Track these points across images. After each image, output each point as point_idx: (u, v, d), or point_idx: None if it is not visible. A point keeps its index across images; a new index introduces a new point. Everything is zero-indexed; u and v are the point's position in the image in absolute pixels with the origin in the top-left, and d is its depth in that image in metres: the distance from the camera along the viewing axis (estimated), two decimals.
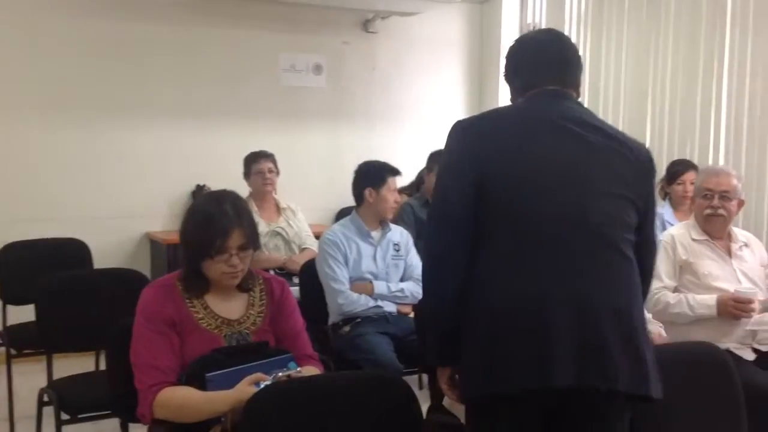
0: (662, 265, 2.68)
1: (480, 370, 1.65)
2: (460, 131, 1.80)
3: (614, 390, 1.62)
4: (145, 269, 4.04)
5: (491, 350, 1.64)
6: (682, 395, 1.88)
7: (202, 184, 4.36)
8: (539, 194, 1.69)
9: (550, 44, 1.87)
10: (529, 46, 1.89)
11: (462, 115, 5.09)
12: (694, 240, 2.73)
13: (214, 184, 3.85)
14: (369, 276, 3.03)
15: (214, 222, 1.90)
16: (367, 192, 3.04)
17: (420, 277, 2.95)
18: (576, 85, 1.86)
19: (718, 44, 3.81)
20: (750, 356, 2.59)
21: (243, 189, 3.66)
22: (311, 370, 1.95)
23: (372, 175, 3.06)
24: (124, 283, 2.82)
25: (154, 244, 4.34)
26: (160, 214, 4.35)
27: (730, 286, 2.64)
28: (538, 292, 1.63)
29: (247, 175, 3.87)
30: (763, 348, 2.61)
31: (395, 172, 3.09)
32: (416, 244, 3.20)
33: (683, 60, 3.99)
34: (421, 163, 4.02)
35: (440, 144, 1.95)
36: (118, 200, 4.30)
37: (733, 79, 3.76)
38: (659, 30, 4.10)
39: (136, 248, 4.37)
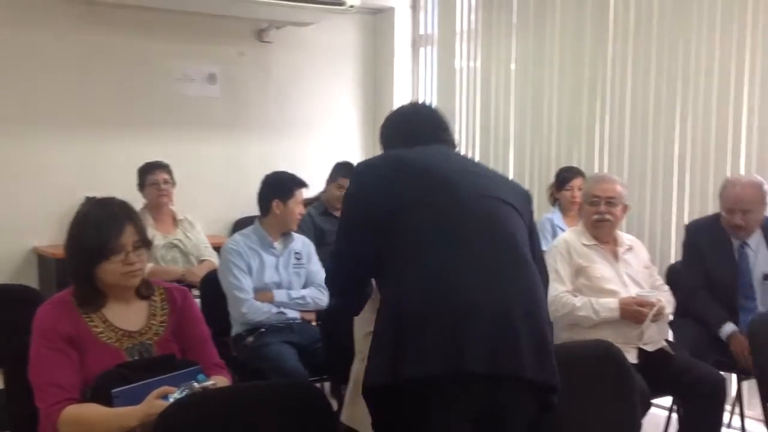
0: (563, 270, 2.80)
1: (394, 359, 1.70)
2: (364, 172, 1.96)
3: (523, 377, 1.72)
4: (33, 285, 3.88)
5: (405, 338, 1.70)
6: (581, 392, 1.99)
7: (92, 195, 4.23)
8: (453, 211, 1.83)
9: (424, 112, 2.17)
10: (406, 116, 2.15)
11: (358, 125, 5.18)
12: (584, 245, 2.86)
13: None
14: (272, 286, 3.03)
15: (105, 223, 1.89)
16: (274, 204, 3.04)
17: (322, 284, 2.99)
18: (453, 143, 2.12)
19: (600, 57, 4.00)
20: (633, 359, 2.67)
21: (137, 201, 3.57)
22: (221, 380, 1.93)
23: (280, 187, 3.06)
24: (14, 300, 2.72)
25: (41, 258, 4.18)
26: (47, 228, 4.18)
27: (619, 289, 2.78)
28: (454, 285, 1.73)
29: (142, 186, 3.79)
30: (649, 348, 2.74)
31: (302, 184, 3.10)
32: (317, 252, 3.23)
33: (569, 71, 4.16)
34: (320, 174, 4.05)
35: (339, 154, 2.00)
36: (1, 213, 4.12)
37: (615, 90, 3.95)
38: (545, 43, 4.27)
39: (22, 264, 4.19)
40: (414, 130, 2.07)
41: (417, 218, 1.81)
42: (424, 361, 1.67)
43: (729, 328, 2.87)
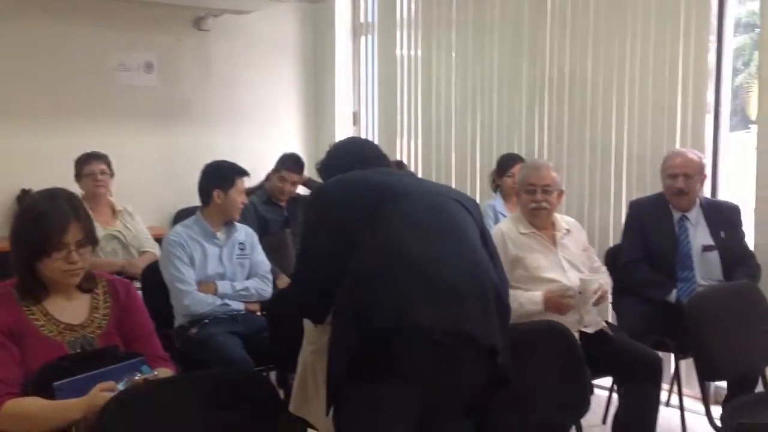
0: None
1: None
2: (325, 194, 2.09)
3: (465, 332, 1.83)
4: None
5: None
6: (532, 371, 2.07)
7: (27, 188, 4.13)
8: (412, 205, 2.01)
9: (368, 143, 2.41)
10: (353, 145, 2.37)
11: (299, 115, 5.15)
12: (522, 233, 2.89)
13: (41, 188, 3.65)
14: (215, 277, 3.00)
15: (49, 218, 1.85)
16: (215, 193, 3.00)
17: (266, 274, 2.97)
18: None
19: (539, 45, 4.05)
20: None
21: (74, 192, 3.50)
22: (165, 372, 1.91)
23: (220, 177, 3.03)
24: None
25: None
26: None
27: (557, 276, 2.82)
28: (403, 249, 1.90)
29: (78, 177, 3.71)
30: (589, 330, 2.80)
31: (243, 173, 3.07)
32: (260, 241, 3.21)
33: (509, 60, 4.21)
34: (261, 163, 4.02)
35: (279, 144, 2.02)
36: None
37: (554, 77, 4.01)
38: (485, 31, 4.30)
39: None
40: (362, 158, 2.24)
41: (385, 215, 1.95)
42: (379, 317, 1.79)
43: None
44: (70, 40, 4.32)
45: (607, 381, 3.12)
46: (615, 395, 3.08)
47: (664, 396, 3.02)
